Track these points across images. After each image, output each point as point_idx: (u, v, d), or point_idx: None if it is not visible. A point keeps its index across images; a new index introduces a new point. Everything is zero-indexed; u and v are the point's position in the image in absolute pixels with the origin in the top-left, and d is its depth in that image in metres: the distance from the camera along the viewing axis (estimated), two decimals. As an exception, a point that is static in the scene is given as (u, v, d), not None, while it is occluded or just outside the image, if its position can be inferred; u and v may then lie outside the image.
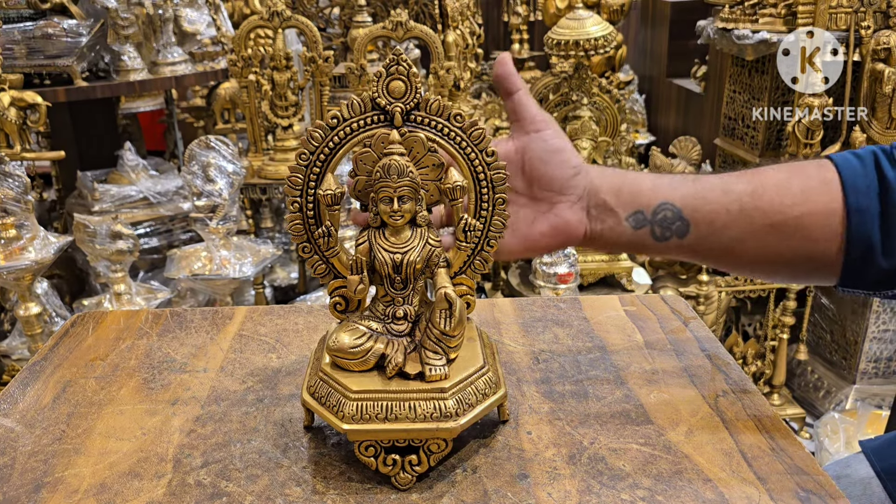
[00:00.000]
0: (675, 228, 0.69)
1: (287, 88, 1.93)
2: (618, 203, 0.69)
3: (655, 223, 0.69)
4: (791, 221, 0.67)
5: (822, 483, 0.60)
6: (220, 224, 1.70)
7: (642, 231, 0.69)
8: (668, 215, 0.68)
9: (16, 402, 0.73)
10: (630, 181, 0.70)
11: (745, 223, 0.68)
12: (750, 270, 0.73)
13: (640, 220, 0.69)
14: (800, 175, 0.69)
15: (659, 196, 0.69)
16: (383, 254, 0.63)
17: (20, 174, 1.52)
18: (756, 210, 0.67)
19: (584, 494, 0.59)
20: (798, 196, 0.67)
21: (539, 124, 0.69)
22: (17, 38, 2.02)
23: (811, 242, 0.67)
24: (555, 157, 0.68)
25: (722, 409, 0.70)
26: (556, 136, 0.69)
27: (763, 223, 0.67)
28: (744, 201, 0.68)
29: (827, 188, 0.67)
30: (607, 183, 0.70)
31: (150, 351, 0.83)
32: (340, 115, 0.62)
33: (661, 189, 0.69)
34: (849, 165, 0.68)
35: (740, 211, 0.68)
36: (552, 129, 0.69)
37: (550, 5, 3.18)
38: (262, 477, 0.61)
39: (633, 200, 0.69)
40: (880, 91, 1.88)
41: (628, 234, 0.70)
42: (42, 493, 0.60)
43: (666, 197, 0.69)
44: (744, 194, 0.68)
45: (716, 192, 0.68)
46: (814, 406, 2.07)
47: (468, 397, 0.61)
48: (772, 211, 0.67)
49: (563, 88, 1.99)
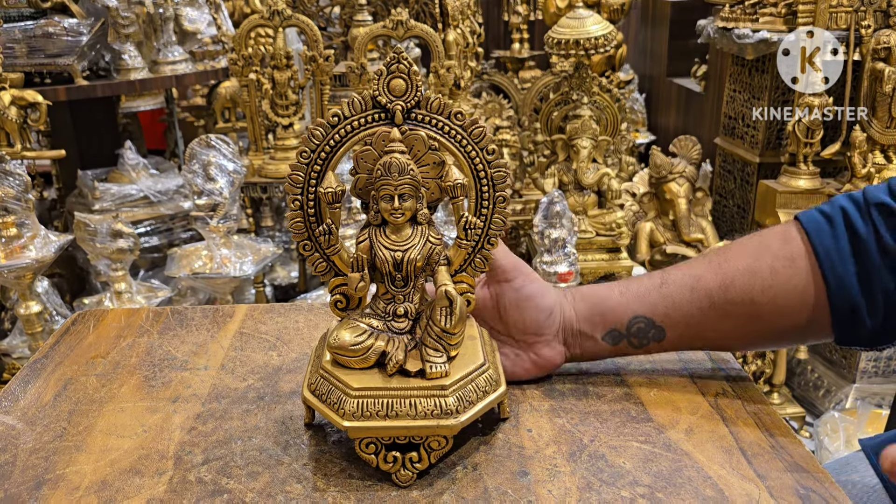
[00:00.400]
0: (652, 335, 0.71)
1: (287, 87, 1.93)
2: (592, 328, 0.72)
3: (631, 336, 0.72)
4: (766, 306, 0.68)
5: (822, 480, 0.60)
6: (221, 223, 1.70)
7: (621, 345, 0.72)
8: (642, 326, 0.71)
9: (17, 400, 0.73)
10: (599, 303, 0.72)
11: (719, 317, 0.69)
12: (741, 349, 0.75)
13: (615, 337, 0.72)
14: (766, 255, 0.69)
15: (629, 311, 0.71)
16: (384, 251, 0.63)
17: (21, 173, 1.52)
18: (728, 303, 0.69)
19: (584, 492, 0.59)
20: (767, 279, 0.68)
21: (509, 273, 0.71)
22: (17, 36, 2.02)
23: (791, 318, 0.69)
24: (527, 304, 0.71)
25: (722, 406, 0.70)
26: (527, 282, 0.71)
27: (738, 313, 0.69)
28: (714, 297, 0.69)
29: (796, 264, 0.68)
30: (579, 313, 0.72)
31: (151, 349, 0.83)
32: (341, 114, 0.62)
33: (630, 304, 0.71)
34: (818, 231, 0.68)
35: (711, 307, 0.69)
36: (522, 276, 0.71)
37: (551, 4, 3.18)
38: (262, 474, 0.61)
39: (604, 322, 0.72)
40: (880, 90, 1.88)
41: (608, 349, 0.73)
42: (43, 490, 0.60)
43: (635, 311, 0.71)
44: (713, 290, 0.69)
45: (684, 292, 0.70)
46: (814, 405, 2.07)
47: (469, 395, 0.61)
48: (744, 301, 0.68)
49: (563, 87, 1.99)
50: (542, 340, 0.72)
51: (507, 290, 0.71)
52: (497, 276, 0.71)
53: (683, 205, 2.32)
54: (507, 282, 0.71)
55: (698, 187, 2.36)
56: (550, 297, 0.71)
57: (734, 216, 2.48)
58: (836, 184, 2.03)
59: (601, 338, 0.72)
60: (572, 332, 0.72)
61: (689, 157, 2.38)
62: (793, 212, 2.00)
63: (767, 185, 2.05)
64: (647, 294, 0.71)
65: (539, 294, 0.71)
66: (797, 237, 0.70)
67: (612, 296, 0.72)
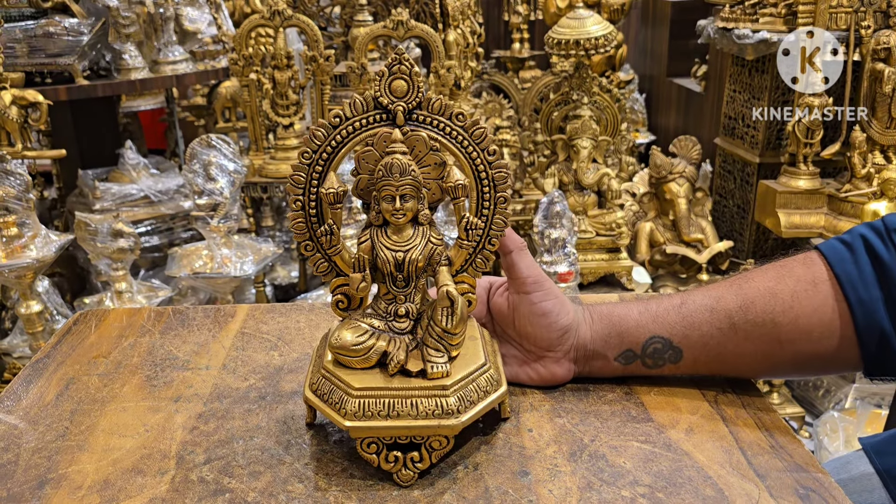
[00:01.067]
0: (668, 357, 0.71)
1: (288, 87, 1.93)
2: (606, 348, 0.71)
3: (646, 356, 0.71)
4: (787, 327, 0.67)
5: (822, 480, 0.60)
6: (222, 222, 1.71)
7: (632, 365, 0.72)
8: (659, 347, 0.70)
9: (19, 400, 0.74)
10: (617, 323, 0.71)
11: (739, 339, 0.68)
12: (763, 375, 0.74)
13: (629, 358, 0.71)
14: (788, 279, 0.69)
15: (646, 332, 0.70)
16: (385, 252, 0.63)
17: (21, 172, 1.53)
18: (748, 323, 0.68)
19: (584, 491, 0.59)
20: (788, 300, 0.67)
21: (529, 286, 0.70)
22: (18, 36, 2.02)
23: (814, 343, 0.68)
24: (541, 321, 0.70)
25: (722, 407, 0.70)
26: (545, 297, 0.70)
27: (759, 334, 0.68)
28: (734, 318, 0.68)
29: (817, 289, 0.67)
30: (596, 334, 0.71)
31: (153, 348, 0.84)
32: (343, 114, 0.63)
33: (648, 324, 0.70)
34: (840, 258, 0.68)
35: (731, 328, 0.68)
36: (542, 291, 0.70)
37: (551, 4, 3.19)
38: (264, 473, 0.62)
39: (620, 342, 0.71)
40: (880, 91, 1.88)
41: (619, 369, 0.72)
42: (46, 490, 0.60)
43: (652, 331, 0.70)
44: (733, 311, 0.68)
45: (703, 314, 0.69)
46: (813, 405, 2.08)
47: (470, 394, 0.62)
48: (765, 322, 0.67)
49: (563, 87, 1.99)
50: (552, 357, 0.71)
51: (524, 301, 0.70)
52: (517, 286, 0.70)
53: (683, 205, 2.32)
54: (525, 294, 0.70)
55: (698, 187, 2.36)
56: (567, 317, 0.70)
57: (734, 216, 2.48)
58: (835, 184, 2.03)
59: (613, 358, 0.71)
60: (584, 353, 0.71)
61: (689, 157, 2.38)
62: (793, 212, 2.00)
63: (767, 185, 2.05)
64: (665, 314, 0.70)
65: (555, 312, 0.70)
66: (819, 263, 0.69)
67: (631, 316, 0.71)
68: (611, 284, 1.99)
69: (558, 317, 0.70)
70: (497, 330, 0.75)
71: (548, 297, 0.70)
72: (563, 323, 0.70)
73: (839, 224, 1.94)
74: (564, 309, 0.70)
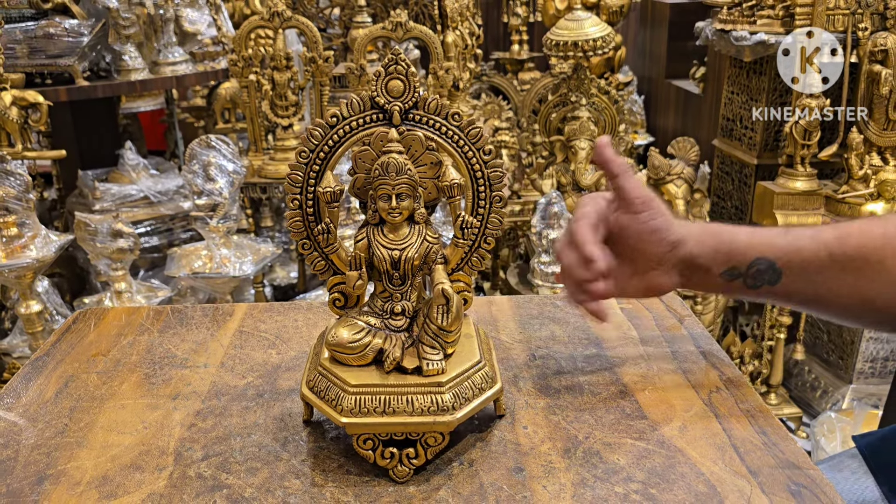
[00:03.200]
0: (768, 278, 0.72)
1: (287, 88, 1.94)
2: (713, 262, 0.73)
3: (749, 276, 0.73)
4: (874, 264, 0.70)
5: (814, 477, 0.61)
6: (221, 223, 1.71)
7: (735, 283, 0.73)
8: (762, 268, 0.72)
9: (19, 397, 0.74)
10: (727, 239, 0.73)
11: (833, 268, 0.71)
12: (838, 314, 0.76)
13: (734, 274, 0.73)
14: (882, 222, 0.72)
15: (755, 252, 0.72)
16: (382, 250, 0.63)
17: (22, 173, 1.53)
18: (843, 255, 0.71)
19: (578, 487, 0.59)
20: (879, 239, 0.70)
21: (638, 206, 0.72)
22: (18, 37, 2.03)
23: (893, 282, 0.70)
24: (651, 238, 0.73)
25: (715, 404, 0.71)
26: (654, 216, 0.73)
27: (849, 265, 0.71)
28: (831, 247, 0.71)
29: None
30: (704, 248, 0.73)
31: (152, 347, 0.84)
32: (340, 114, 0.63)
33: (756, 245, 0.72)
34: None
35: (828, 256, 0.71)
36: (651, 210, 0.73)
37: (550, 6, 3.19)
38: (261, 470, 0.62)
39: (728, 259, 0.73)
40: (877, 92, 1.89)
41: (721, 285, 0.74)
42: (45, 486, 0.61)
43: (762, 252, 0.72)
44: (831, 240, 0.71)
45: (806, 240, 0.72)
46: (810, 405, 2.08)
47: (465, 392, 0.62)
48: (856, 255, 0.70)
49: (561, 89, 2.00)
50: (660, 270, 0.73)
51: (634, 221, 0.73)
52: (627, 207, 0.73)
53: (681, 206, 2.32)
54: (635, 213, 0.72)
55: (696, 188, 2.36)
56: (675, 233, 0.73)
57: (732, 217, 2.49)
58: (833, 185, 2.04)
59: (719, 274, 0.73)
60: (690, 266, 0.73)
61: (688, 158, 2.38)
62: (790, 213, 2.01)
63: (765, 186, 2.06)
64: (772, 237, 0.73)
65: (664, 228, 0.73)
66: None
67: (741, 236, 0.73)
68: (609, 285, 1.99)
69: (668, 232, 0.73)
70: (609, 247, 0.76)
71: (656, 216, 0.73)
72: (672, 238, 0.73)
73: (836, 225, 1.94)
74: (671, 224, 0.74)
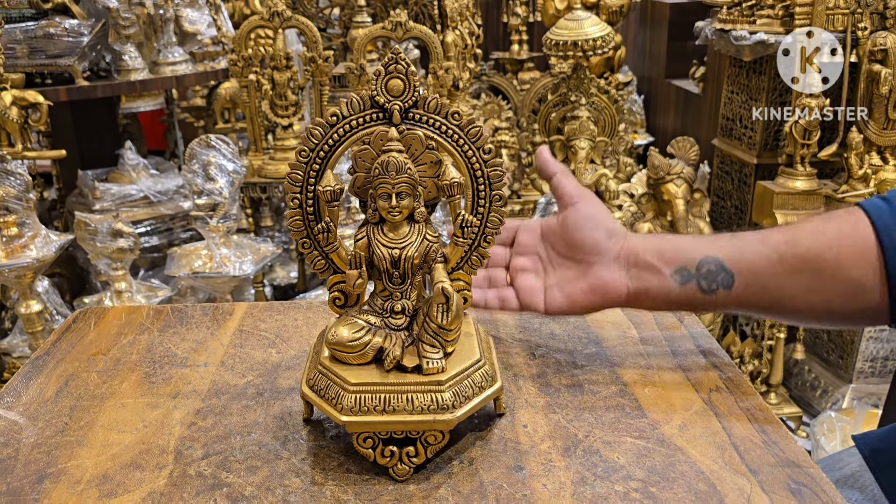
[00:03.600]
0: (721, 280, 0.72)
1: (287, 88, 1.94)
2: (661, 261, 0.73)
3: (700, 277, 0.72)
4: (830, 263, 0.70)
5: (814, 476, 0.61)
6: (221, 222, 1.71)
7: (688, 286, 0.73)
8: (712, 268, 0.72)
9: (19, 396, 0.74)
10: (671, 241, 0.74)
11: (785, 269, 0.71)
12: (799, 318, 0.76)
13: (685, 276, 0.73)
14: (832, 220, 0.72)
15: (701, 252, 0.72)
16: (382, 249, 0.64)
17: (22, 172, 1.53)
18: (794, 256, 0.70)
19: (578, 486, 0.60)
20: (833, 238, 0.70)
21: (574, 198, 0.75)
22: (18, 37, 2.03)
23: (851, 283, 0.70)
24: (588, 223, 0.74)
25: (715, 402, 0.71)
26: (590, 206, 0.75)
27: (803, 268, 0.70)
28: (781, 249, 0.71)
29: (857, 229, 0.70)
30: (647, 244, 0.74)
31: (152, 346, 0.84)
32: (340, 113, 0.63)
33: (702, 246, 0.73)
34: (876, 207, 0.71)
35: (780, 258, 0.71)
36: (586, 202, 0.76)
37: (549, 6, 3.19)
38: (261, 468, 0.62)
39: (675, 257, 0.73)
40: (877, 92, 1.89)
41: (675, 290, 0.73)
42: (45, 484, 0.61)
43: (707, 252, 0.72)
44: (781, 242, 0.71)
45: (754, 243, 0.72)
46: (810, 405, 2.08)
47: (465, 390, 0.62)
48: (809, 255, 0.70)
49: (561, 89, 2.00)
50: (602, 261, 0.73)
51: (571, 212, 0.75)
52: (564, 201, 0.75)
53: (681, 206, 2.32)
54: (572, 205, 0.75)
55: (696, 188, 2.37)
56: (613, 222, 0.75)
57: (732, 217, 2.49)
58: (832, 185, 2.04)
59: (669, 275, 0.72)
60: (636, 262, 0.73)
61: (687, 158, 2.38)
62: (790, 213, 2.01)
63: (765, 186, 2.06)
64: (717, 239, 0.73)
65: (601, 217, 0.74)
66: (859, 212, 0.72)
67: (683, 238, 0.75)
68: (609, 285, 1.99)
69: (605, 220, 0.74)
70: (549, 255, 0.78)
71: (592, 206, 0.75)
72: (609, 225, 0.74)
73: (836, 225, 1.94)
74: (609, 216, 0.75)
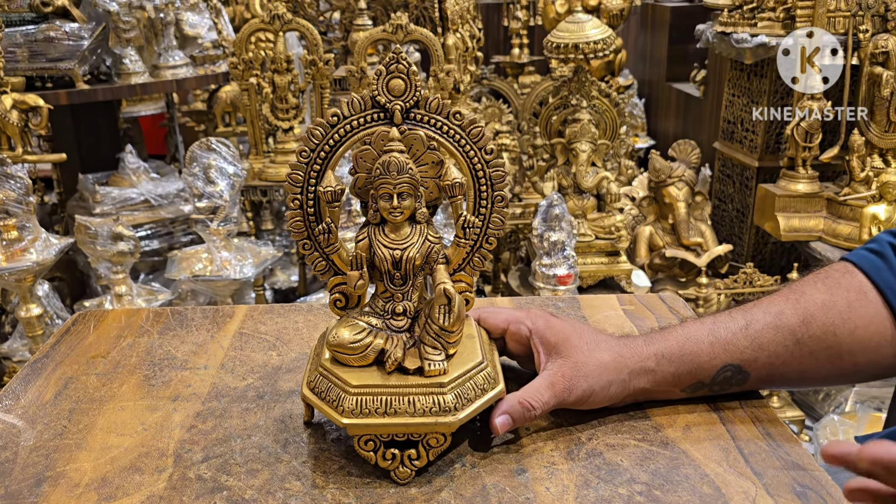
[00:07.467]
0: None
1: (288, 91, 1.94)
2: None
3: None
4: (846, 340, 0.68)
5: (819, 478, 0.60)
6: (221, 225, 1.71)
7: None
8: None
9: (18, 399, 0.74)
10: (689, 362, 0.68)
11: (804, 354, 0.69)
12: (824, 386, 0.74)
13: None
14: (838, 290, 0.70)
15: (718, 362, 0.69)
16: (383, 250, 0.63)
17: (22, 176, 1.53)
18: (811, 339, 0.68)
19: (581, 489, 0.59)
20: (845, 313, 0.68)
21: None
22: (19, 41, 2.02)
23: (871, 352, 0.69)
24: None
25: (719, 405, 0.70)
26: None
27: (821, 348, 0.69)
28: (798, 334, 0.68)
29: (867, 298, 0.69)
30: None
31: (151, 348, 0.84)
32: (341, 113, 0.63)
33: (719, 354, 0.68)
34: (875, 268, 0.69)
35: (796, 344, 0.68)
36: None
37: (550, 10, 3.19)
38: (262, 471, 0.62)
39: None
40: (878, 94, 1.88)
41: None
42: (44, 487, 0.60)
43: (725, 361, 0.69)
44: (795, 327, 0.69)
45: (769, 333, 0.69)
46: (813, 408, 2.07)
47: (467, 392, 0.62)
48: (826, 335, 0.68)
49: (562, 92, 1.99)
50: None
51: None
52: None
53: (682, 209, 2.32)
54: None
55: (697, 191, 2.36)
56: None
57: (733, 220, 2.48)
58: (834, 187, 2.04)
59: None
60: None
61: (689, 161, 2.38)
62: (791, 215, 2.01)
63: (766, 188, 2.06)
64: (734, 340, 0.69)
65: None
66: (857, 272, 0.70)
67: (703, 349, 0.68)
68: (610, 288, 1.99)
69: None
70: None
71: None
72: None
73: (838, 227, 1.94)
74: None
